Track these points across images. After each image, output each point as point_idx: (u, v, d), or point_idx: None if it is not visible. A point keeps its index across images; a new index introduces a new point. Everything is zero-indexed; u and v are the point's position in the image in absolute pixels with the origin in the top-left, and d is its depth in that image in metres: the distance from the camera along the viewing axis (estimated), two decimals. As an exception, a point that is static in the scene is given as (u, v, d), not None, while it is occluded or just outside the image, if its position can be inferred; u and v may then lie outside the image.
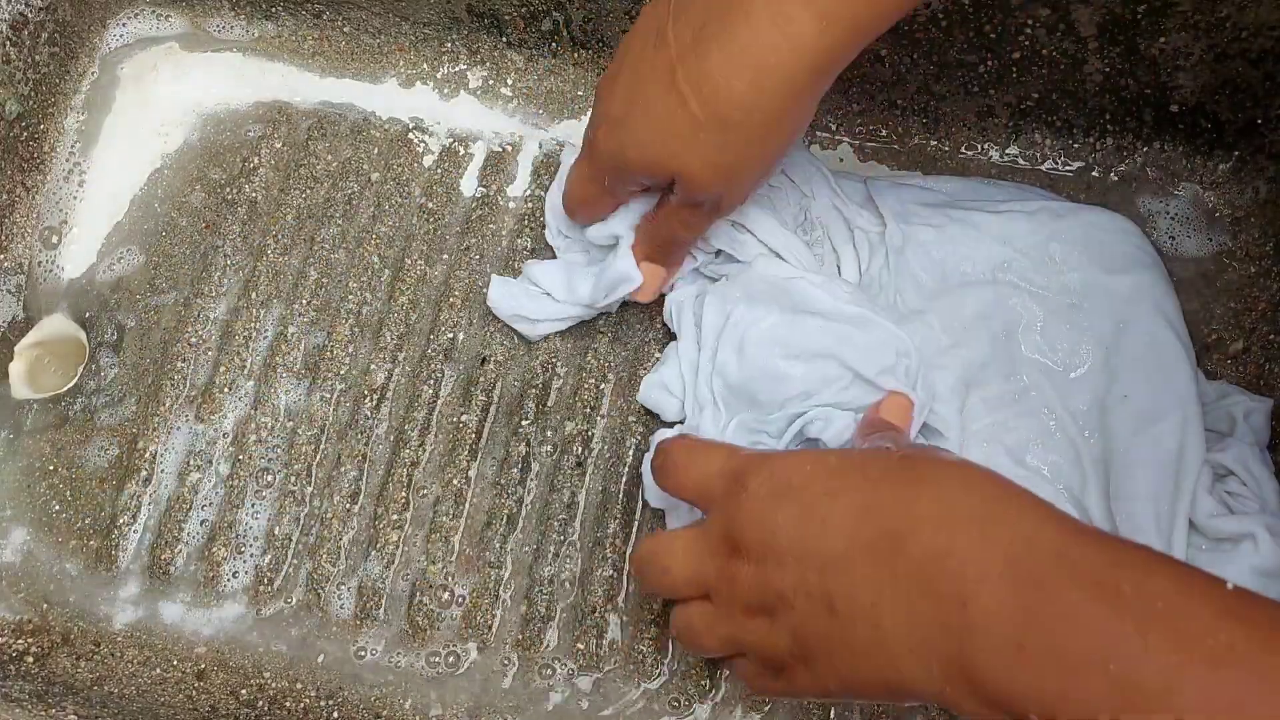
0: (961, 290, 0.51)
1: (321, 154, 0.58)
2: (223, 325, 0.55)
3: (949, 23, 0.51)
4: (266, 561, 0.51)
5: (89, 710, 0.46)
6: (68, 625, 0.51)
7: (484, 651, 0.50)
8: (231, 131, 0.58)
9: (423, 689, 0.49)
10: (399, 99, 0.58)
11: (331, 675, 0.49)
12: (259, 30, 0.60)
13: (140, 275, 0.56)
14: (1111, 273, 0.50)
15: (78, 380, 0.54)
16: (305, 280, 0.55)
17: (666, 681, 0.49)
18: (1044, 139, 0.56)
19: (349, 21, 0.59)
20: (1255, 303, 0.53)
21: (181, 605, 0.51)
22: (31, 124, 0.56)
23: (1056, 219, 0.51)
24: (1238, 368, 0.52)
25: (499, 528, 0.51)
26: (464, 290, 0.55)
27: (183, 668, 0.50)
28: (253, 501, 0.52)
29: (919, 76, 0.54)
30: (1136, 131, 0.55)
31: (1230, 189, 0.55)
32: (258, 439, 0.53)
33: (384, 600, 0.50)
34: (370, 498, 0.52)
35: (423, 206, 0.56)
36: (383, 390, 0.53)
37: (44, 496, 0.52)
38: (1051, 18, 0.50)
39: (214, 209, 0.57)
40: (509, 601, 0.50)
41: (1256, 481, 0.47)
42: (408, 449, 0.52)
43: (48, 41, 0.57)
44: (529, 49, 0.58)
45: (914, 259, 0.51)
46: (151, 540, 0.52)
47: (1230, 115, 0.53)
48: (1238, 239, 0.54)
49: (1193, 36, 0.50)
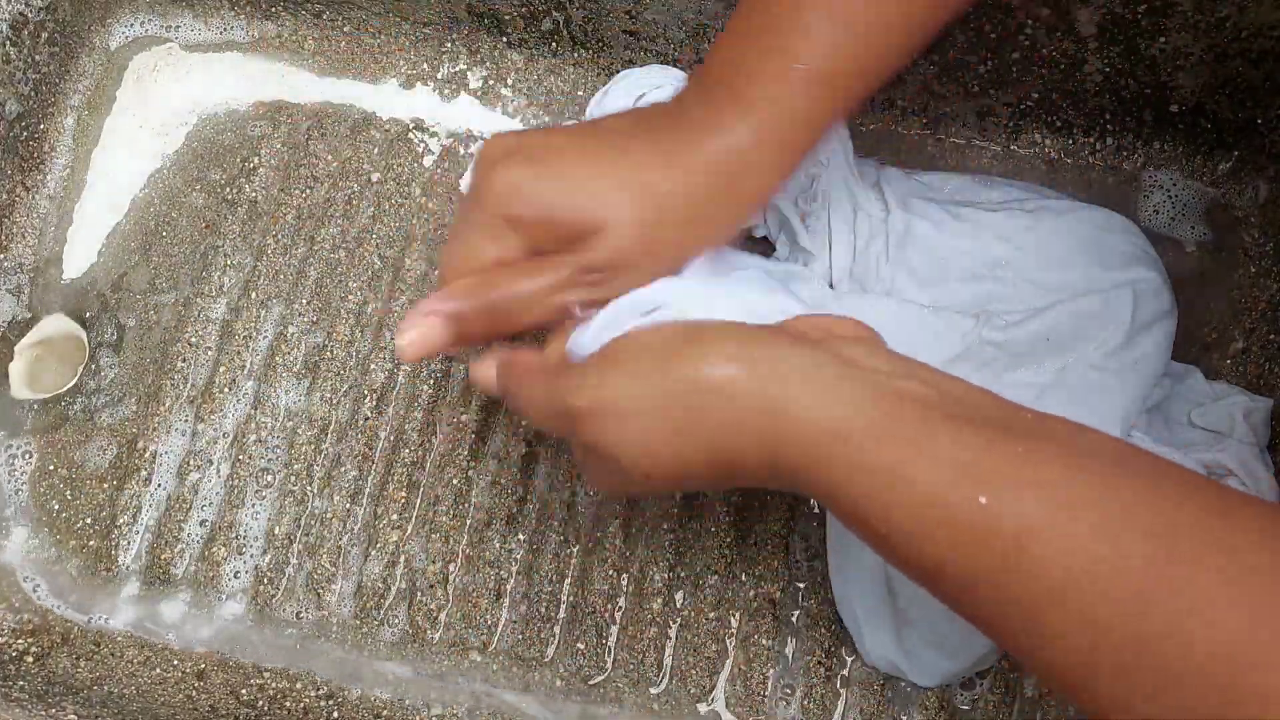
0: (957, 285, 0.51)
1: (321, 154, 0.58)
2: (223, 325, 0.55)
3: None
4: (266, 561, 0.51)
5: (89, 710, 0.46)
6: (68, 625, 0.51)
7: (484, 651, 0.50)
8: (231, 131, 0.58)
9: (423, 689, 0.49)
10: (399, 99, 0.58)
11: (331, 675, 0.49)
12: (259, 30, 0.60)
13: (140, 275, 0.56)
14: (1110, 271, 0.50)
15: (78, 380, 0.54)
16: (305, 280, 0.55)
17: (667, 682, 0.49)
18: (1044, 139, 0.56)
19: (349, 21, 0.59)
20: (1255, 303, 0.53)
21: (181, 605, 0.51)
22: (31, 124, 0.56)
23: (1056, 217, 0.51)
24: (1238, 368, 0.52)
25: (499, 528, 0.51)
26: (464, 290, 0.55)
27: (183, 668, 0.50)
28: (253, 501, 0.52)
29: (919, 76, 0.54)
30: (1136, 131, 0.55)
31: (1230, 189, 0.55)
32: (258, 439, 0.53)
33: (384, 600, 0.50)
34: (370, 498, 0.52)
35: (423, 206, 0.56)
36: (383, 390, 0.53)
37: (44, 496, 0.52)
38: (1051, 18, 0.50)
39: (214, 209, 0.57)
40: (509, 601, 0.50)
41: (1256, 482, 0.47)
42: (408, 449, 0.52)
43: (48, 41, 0.57)
44: (529, 49, 0.58)
45: (912, 251, 0.51)
46: (151, 540, 0.52)
47: (1230, 115, 0.53)
48: (1238, 239, 0.54)
49: (1193, 36, 0.50)
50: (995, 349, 0.48)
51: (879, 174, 0.53)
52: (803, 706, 0.49)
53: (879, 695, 0.49)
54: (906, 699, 0.49)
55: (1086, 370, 0.48)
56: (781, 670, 0.49)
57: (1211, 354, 0.52)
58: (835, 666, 0.49)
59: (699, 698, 0.49)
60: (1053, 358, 0.48)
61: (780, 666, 0.49)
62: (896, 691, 0.49)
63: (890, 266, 0.51)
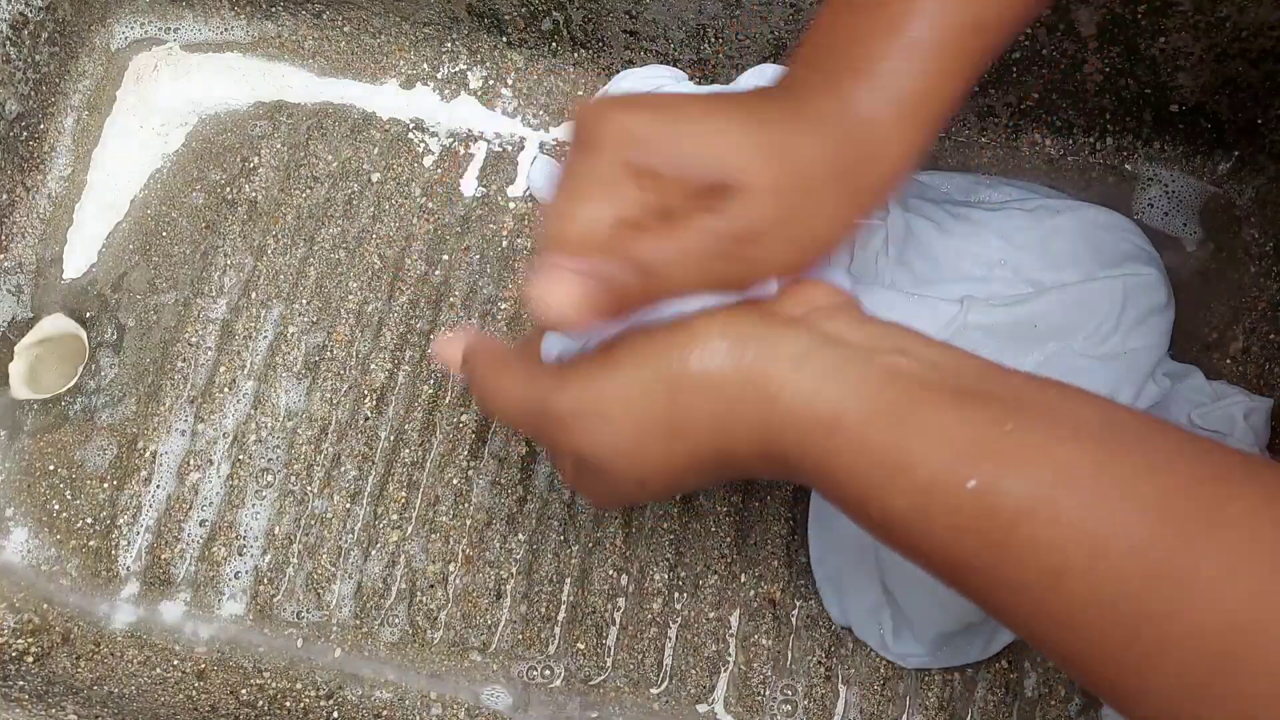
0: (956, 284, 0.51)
1: (321, 154, 0.58)
2: (223, 325, 0.55)
3: (949, 23, 0.51)
4: (266, 561, 0.51)
5: (89, 710, 0.46)
6: (68, 625, 0.51)
7: (484, 652, 0.50)
8: (231, 131, 0.58)
9: (423, 689, 0.49)
10: (399, 99, 0.58)
11: (331, 675, 0.49)
12: (259, 30, 0.60)
13: (140, 275, 0.56)
14: (1109, 269, 0.50)
15: (78, 380, 0.54)
16: (305, 280, 0.55)
17: (667, 682, 0.49)
18: (1044, 138, 0.56)
19: (349, 21, 0.59)
20: (1255, 303, 0.53)
21: (181, 605, 0.51)
22: (31, 124, 0.56)
23: (1055, 216, 0.51)
24: (1238, 368, 0.52)
25: (499, 528, 0.51)
26: (464, 290, 0.55)
27: (183, 668, 0.50)
28: (253, 501, 0.52)
29: (919, 76, 0.54)
30: (1136, 131, 0.55)
31: (1230, 189, 0.55)
32: (258, 439, 0.53)
33: (384, 600, 0.50)
34: (370, 498, 0.52)
35: (423, 206, 0.56)
36: (383, 390, 0.53)
37: (44, 496, 0.52)
38: (1051, 18, 0.50)
39: (214, 209, 0.57)
40: (509, 601, 0.50)
41: (1256, 481, 0.47)
42: (408, 449, 0.52)
43: (48, 41, 0.57)
44: (529, 49, 0.58)
45: (912, 250, 0.51)
46: (151, 540, 0.52)
47: (1230, 115, 0.53)
48: (1238, 239, 0.54)
49: (1193, 36, 0.50)
50: (981, 333, 0.48)
51: None
52: (803, 706, 0.49)
53: (879, 695, 0.49)
54: (907, 699, 0.49)
55: (1073, 357, 0.48)
56: (781, 670, 0.49)
57: (1211, 354, 0.52)
58: (835, 666, 0.49)
59: (699, 698, 0.49)
60: (1040, 344, 0.48)
61: (780, 666, 0.49)
62: (896, 691, 0.49)
63: (889, 265, 0.51)
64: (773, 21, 0.53)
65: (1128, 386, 0.48)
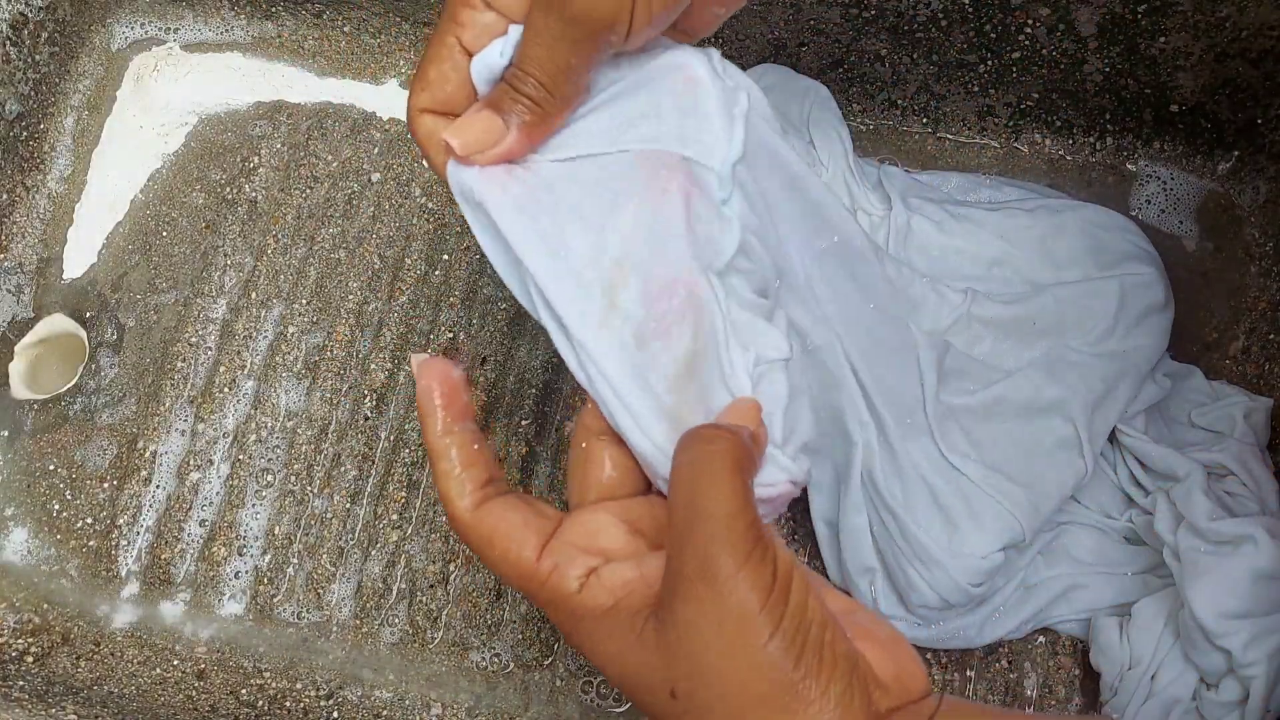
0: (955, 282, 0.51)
1: (321, 154, 0.58)
2: (223, 325, 0.55)
3: (949, 23, 0.51)
4: (266, 561, 0.51)
5: (89, 710, 0.46)
6: (68, 625, 0.51)
7: (484, 652, 0.50)
8: (231, 131, 0.58)
9: (423, 689, 0.49)
10: (399, 99, 0.58)
11: (331, 675, 0.49)
12: (259, 30, 0.60)
13: (140, 275, 0.56)
14: (1108, 269, 0.50)
15: (78, 380, 0.54)
16: (305, 280, 0.55)
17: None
18: (1044, 138, 0.56)
19: (349, 21, 0.59)
20: (1255, 303, 0.53)
21: (181, 605, 0.51)
22: (31, 124, 0.56)
23: (1055, 215, 0.52)
24: (1238, 368, 0.52)
25: (499, 528, 0.51)
26: (464, 290, 0.55)
27: (183, 668, 0.50)
28: (253, 501, 0.52)
29: (919, 76, 0.54)
30: (1136, 131, 0.55)
31: (1230, 189, 0.55)
32: (258, 439, 0.53)
33: (384, 600, 0.50)
34: (370, 498, 0.52)
35: (423, 206, 0.56)
36: (383, 390, 0.53)
37: (44, 496, 0.52)
38: (1051, 18, 0.50)
39: (214, 209, 0.57)
40: (509, 602, 0.50)
41: (1256, 482, 0.47)
42: (408, 449, 0.52)
43: (48, 41, 0.57)
44: (529, 49, 0.58)
45: (913, 248, 0.52)
46: (151, 540, 0.52)
47: (1230, 115, 0.53)
48: (1238, 239, 0.54)
49: (1193, 36, 0.50)
50: (982, 325, 0.49)
51: (879, 172, 0.53)
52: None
53: (879, 695, 0.49)
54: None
55: (1068, 353, 0.48)
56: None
57: (1212, 354, 0.52)
58: (835, 666, 0.49)
59: (699, 698, 0.49)
60: (1038, 341, 0.49)
61: (780, 666, 0.49)
62: (896, 691, 0.49)
63: None
64: (772, 21, 0.53)
65: (1126, 384, 0.48)
